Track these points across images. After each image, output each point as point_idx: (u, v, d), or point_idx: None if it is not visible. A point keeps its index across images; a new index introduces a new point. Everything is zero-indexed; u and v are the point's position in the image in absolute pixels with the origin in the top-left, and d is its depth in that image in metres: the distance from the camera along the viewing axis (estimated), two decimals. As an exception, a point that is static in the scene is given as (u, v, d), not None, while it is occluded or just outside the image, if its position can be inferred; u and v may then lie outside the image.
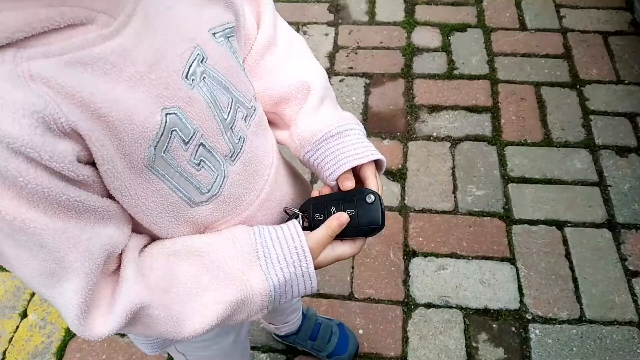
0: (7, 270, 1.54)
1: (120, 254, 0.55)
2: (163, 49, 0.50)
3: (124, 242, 0.55)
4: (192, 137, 0.54)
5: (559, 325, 1.39)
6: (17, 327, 1.46)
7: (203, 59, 0.54)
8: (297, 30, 2.16)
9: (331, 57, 2.06)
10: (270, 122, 0.75)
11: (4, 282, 1.54)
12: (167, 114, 0.51)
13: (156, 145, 0.51)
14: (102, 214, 0.51)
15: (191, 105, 0.53)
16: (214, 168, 0.59)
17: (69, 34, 0.43)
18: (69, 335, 1.44)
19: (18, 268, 0.49)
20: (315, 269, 0.63)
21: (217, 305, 0.58)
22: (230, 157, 0.61)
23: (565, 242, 1.54)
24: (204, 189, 0.59)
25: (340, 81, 1.98)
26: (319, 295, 1.48)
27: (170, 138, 0.52)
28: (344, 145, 0.69)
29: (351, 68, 2.02)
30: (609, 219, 1.58)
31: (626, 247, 1.52)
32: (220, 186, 0.61)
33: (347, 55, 2.07)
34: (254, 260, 0.60)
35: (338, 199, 0.67)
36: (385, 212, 0.66)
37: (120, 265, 0.55)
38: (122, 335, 1.43)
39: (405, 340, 1.40)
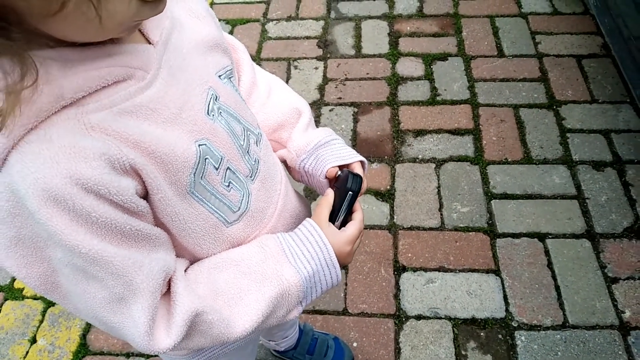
0: (17, 299, 1.62)
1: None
2: (186, 93, 0.60)
3: (174, 265, 0.62)
4: (220, 162, 0.64)
5: (543, 332, 1.46)
6: (27, 352, 1.53)
7: (216, 97, 0.65)
8: (289, 65, 2.29)
9: (321, 88, 2.18)
10: None
11: (14, 311, 1.62)
12: (199, 145, 0.60)
13: (195, 172, 0.60)
14: (155, 241, 0.58)
15: (215, 136, 0.63)
16: (240, 187, 0.69)
17: (115, 90, 0.52)
18: (77, 358, 1.51)
19: (84, 302, 0.55)
20: (339, 258, 0.72)
21: (259, 303, 0.66)
22: (250, 176, 0.71)
23: (547, 252, 1.61)
24: (235, 207, 0.68)
25: (330, 110, 2.10)
26: (314, 311, 1.55)
27: (205, 165, 0.62)
28: (332, 151, 0.84)
29: (340, 98, 2.14)
30: (588, 229, 1.66)
31: (605, 256, 1.59)
32: (247, 202, 0.70)
33: (336, 87, 2.19)
34: (283, 259, 0.69)
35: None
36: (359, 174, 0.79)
37: (169, 288, 0.62)
38: (128, 356, 1.50)
39: (397, 351, 1.46)
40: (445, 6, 2.50)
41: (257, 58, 2.34)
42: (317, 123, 2.05)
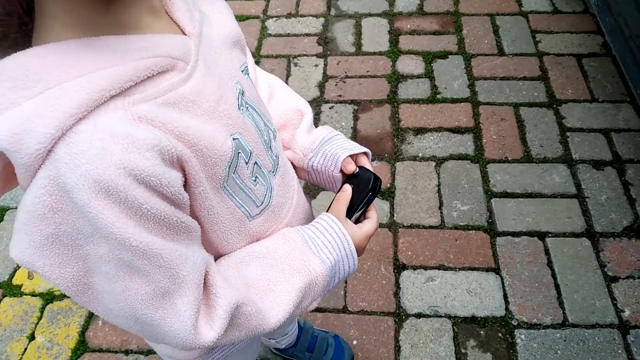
0: (15, 295, 1.62)
1: None
2: (221, 87, 0.60)
3: (209, 258, 0.62)
4: (250, 157, 0.64)
5: (543, 330, 1.46)
6: (26, 349, 1.52)
7: (243, 92, 0.65)
8: (289, 62, 2.28)
9: (321, 86, 2.18)
10: None
11: (12, 307, 1.61)
12: (233, 139, 0.60)
13: (230, 166, 0.60)
14: (194, 234, 0.57)
15: (246, 130, 0.63)
16: (264, 182, 0.69)
17: (159, 81, 0.51)
18: (76, 355, 1.50)
19: (124, 300, 0.53)
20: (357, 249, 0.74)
21: (290, 294, 0.66)
22: (272, 171, 0.72)
23: (547, 251, 1.61)
24: (259, 202, 0.69)
25: (330, 108, 2.09)
26: (314, 309, 1.54)
27: (238, 159, 0.62)
28: (337, 145, 0.85)
29: (340, 96, 2.13)
30: (588, 228, 1.66)
31: (605, 255, 1.60)
32: (270, 197, 0.71)
33: (336, 84, 2.18)
34: (307, 251, 0.70)
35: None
36: (378, 176, 0.80)
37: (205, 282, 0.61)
38: (127, 353, 1.49)
39: (397, 349, 1.46)
40: (446, 4, 2.49)
41: (257, 55, 2.33)
42: (317, 121, 2.05)
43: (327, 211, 0.78)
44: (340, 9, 2.52)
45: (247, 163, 0.64)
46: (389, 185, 1.82)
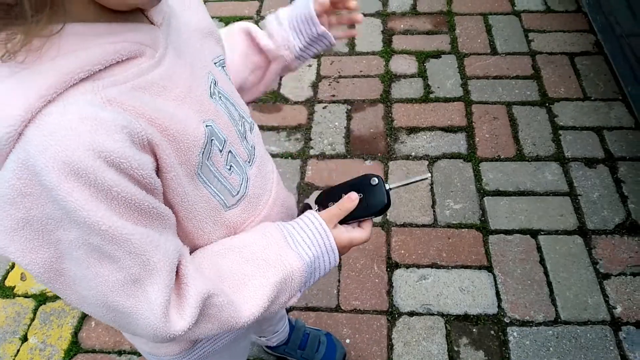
0: (8, 297, 1.61)
1: None
2: (192, 74, 0.61)
3: (182, 247, 0.61)
4: (224, 145, 0.65)
5: (535, 327, 1.46)
6: (18, 350, 1.52)
7: (215, 82, 0.66)
8: (282, 62, 2.28)
9: (314, 86, 2.18)
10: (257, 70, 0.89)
11: (5, 309, 1.61)
12: (206, 125, 0.61)
13: (203, 152, 0.60)
14: (167, 221, 0.57)
15: (219, 118, 0.64)
16: (239, 172, 0.69)
17: (127, 66, 0.52)
18: (68, 356, 1.50)
19: (95, 287, 0.53)
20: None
21: (264, 288, 0.65)
22: (248, 162, 0.72)
23: (539, 249, 1.62)
24: (234, 191, 0.69)
25: (323, 108, 2.09)
26: (307, 308, 1.55)
27: (211, 146, 0.62)
28: (297, 7, 0.86)
29: (333, 96, 2.14)
30: (580, 226, 1.66)
31: (597, 252, 1.60)
32: (246, 187, 0.71)
33: (329, 84, 2.19)
34: (284, 246, 0.69)
35: (346, 186, 0.77)
36: (391, 200, 0.76)
37: (176, 272, 0.60)
38: (120, 354, 1.49)
39: (390, 347, 1.46)
40: (439, 4, 2.50)
41: (250, 55, 2.33)
42: (310, 120, 2.05)
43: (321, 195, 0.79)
44: (333, 10, 2.52)
45: (221, 151, 0.64)
46: (382, 184, 1.82)
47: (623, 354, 1.40)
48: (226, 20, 2.51)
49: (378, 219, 1.72)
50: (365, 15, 2.48)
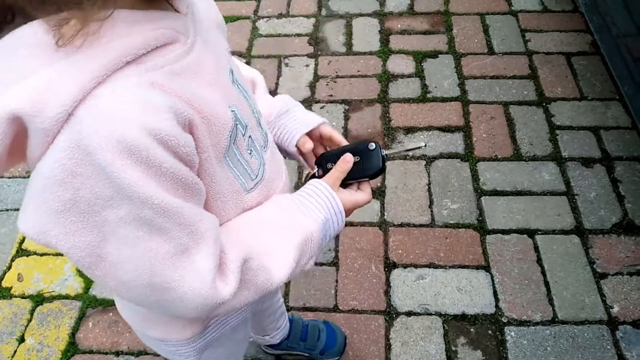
0: (4, 298, 1.61)
1: None
2: (217, 61, 0.63)
3: (216, 219, 0.64)
4: (245, 130, 0.67)
5: (533, 327, 1.47)
6: (15, 351, 1.51)
7: (232, 71, 0.68)
8: (279, 62, 2.29)
9: (312, 86, 2.18)
10: None
11: (1, 310, 1.60)
12: (231, 110, 0.63)
13: (230, 136, 0.63)
14: (203, 197, 0.60)
15: (241, 104, 0.67)
16: (258, 156, 0.72)
17: (164, 52, 0.54)
18: (66, 357, 1.50)
19: (142, 263, 0.54)
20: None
21: (289, 251, 0.68)
22: (264, 147, 0.75)
23: (536, 249, 1.62)
24: (254, 175, 0.71)
25: (321, 108, 2.09)
26: (305, 308, 1.55)
27: (236, 130, 0.64)
28: (294, 119, 0.87)
29: (331, 96, 2.14)
30: (577, 225, 1.67)
31: (594, 251, 1.60)
32: (263, 171, 0.74)
33: (327, 84, 2.19)
34: (298, 212, 0.72)
35: (344, 150, 0.82)
36: (386, 165, 0.81)
37: None
38: (117, 355, 1.49)
39: (388, 347, 1.46)
40: (436, 4, 2.50)
41: (247, 55, 2.33)
42: (308, 120, 2.05)
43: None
44: (331, 9, 2.53)
45: (243, 135, 0.67)
46: (379, 184, 1.82)
47: (620, 354, 1.40)
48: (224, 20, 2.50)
49: (375, 218, 1.72)
50: (362, 15, 2.48)
